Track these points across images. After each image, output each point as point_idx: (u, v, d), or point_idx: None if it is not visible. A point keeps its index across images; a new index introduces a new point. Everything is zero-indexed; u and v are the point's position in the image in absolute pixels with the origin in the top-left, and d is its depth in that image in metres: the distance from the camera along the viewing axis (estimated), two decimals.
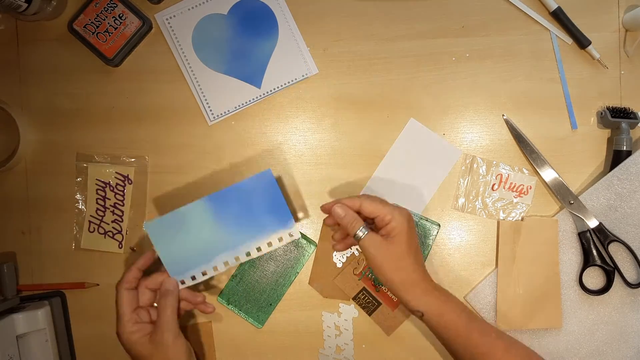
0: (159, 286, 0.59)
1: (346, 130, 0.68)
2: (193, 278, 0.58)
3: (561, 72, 0.68)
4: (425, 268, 0.59)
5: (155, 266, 0.60)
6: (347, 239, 0.62)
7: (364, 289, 0.66)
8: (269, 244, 0.59)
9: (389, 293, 0.66)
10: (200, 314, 0.68)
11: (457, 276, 0.68)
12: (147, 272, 0.61)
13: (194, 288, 0.62)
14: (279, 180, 0.60)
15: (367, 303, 0.66)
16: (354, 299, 0.66)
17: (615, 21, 0.68)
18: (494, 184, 0.67)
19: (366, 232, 0.57)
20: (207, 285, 0.68)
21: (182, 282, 0.58)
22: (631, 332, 0.66)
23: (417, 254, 0.58)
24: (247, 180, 0.57)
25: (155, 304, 0.60)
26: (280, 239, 0.59)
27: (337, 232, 0.63)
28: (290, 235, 0.59)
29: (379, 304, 0.66)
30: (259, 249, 0.58)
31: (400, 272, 0.56)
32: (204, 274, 0.58)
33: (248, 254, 0.58)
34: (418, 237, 0.65)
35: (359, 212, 0.58)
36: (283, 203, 0.57)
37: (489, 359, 0.55)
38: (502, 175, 0.67)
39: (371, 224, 0.60)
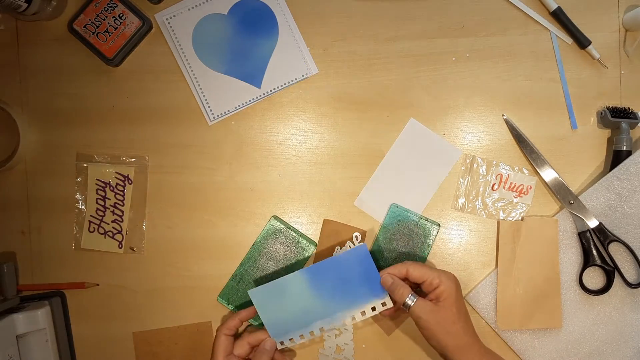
0: (258, 343, 0.62)
1: (346, 130, 0.68)
2: (291, 340, 0.62)
3: (561, 72, 0.68)
4: (475, 330, 0.59)
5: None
6: (395, 310, 0.62)
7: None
8: (363, 313, 0.61)
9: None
10: (200, 313, 0.68)
11: (457, 276, 0.67)
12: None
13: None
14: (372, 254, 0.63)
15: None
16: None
17: (615, 21, 0.68)
18: (494, 184, 0.67)
19: (415, 300, 0.57)
20: (208, 285, 0.68)
21: (281, 343, 0.62)
22: (631, 332, 0.66)
23: (467, 317, 0.58)
24: (344, 254, 0.61)
25: (250, 358, 0.63)
26: (373, 309, 0.61)
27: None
28: (384, 304, 0.61)
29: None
30: (353, 318, 0.61)
31: (454, 336, 0.56)
32: (301, 337, 0.62)
33: (343, 323, 0.61)
34: (418, 237, 0.65)
35: (405, 279, 0.59)
36: (377, 276, 0.60)
37: None
38: (502, 175, 0.67)
39: (416, 288, 0.60)
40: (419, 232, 0.67)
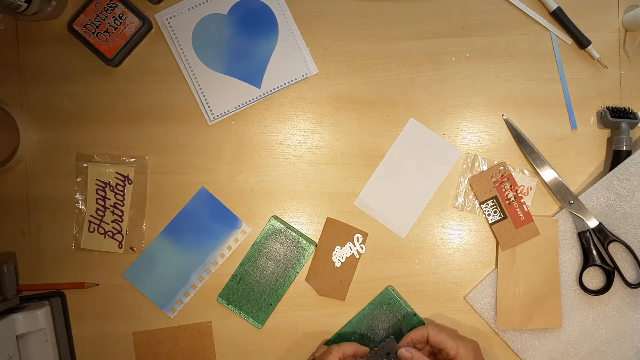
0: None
1: (346, 130, 0.68)
2: (179, 302, 0.65)
3: (561, 72, 0.68)
4: None
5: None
6: None
7: (495, 197, 0.66)
8: (229, 248, 0.66)
9: (517, 210, 0.65)
10: (200, 313, 0.68)
11: (457, 276, 0.68)
12: None
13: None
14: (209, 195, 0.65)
15: (494, 212, 0.66)
16: (481, 203, 0.66)
17: (615, 21, 0.68)
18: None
19: None
20: (208, 285, 0.68)
21: (173, 311, 0.64)
22: (631, 332, 0.66)
23: None
24: (188, 203, 0.65)
25: None
26: (236, 240, 0.66)
27: None
28: (243, 232, 0.65)
29: (505, 217, 0.66)
30: (222, 255, 0.65)
31: None
32: (186, 295, 0.66)
33: (215, 263, 0.65)
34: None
35: (426, 343, 0.60)
36: (226, 209, 0.65)
37: None
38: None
39: (437, 352, 0.61)
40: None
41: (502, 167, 0.66)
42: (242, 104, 0.68)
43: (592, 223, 0.65)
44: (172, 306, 0.65)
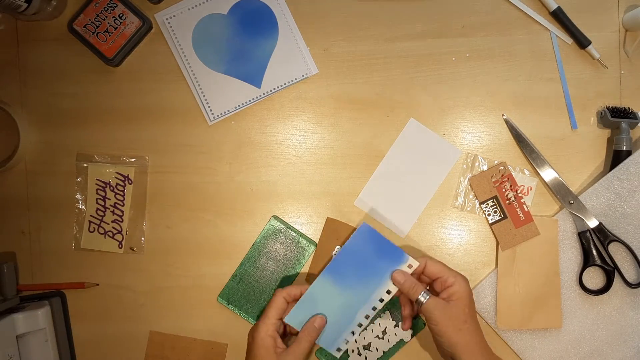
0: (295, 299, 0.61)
1: (346, 130, 0.68)
2: (346, 342, 0.61)
3: (561, 72, 0.68)
4: (483, 335, 0.58)
5: None
6: (409, 309, 0.62)
7: (495, 197, 0.66)
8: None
9: (517, 210, 0.66)
10: (201, 314, 0.68)
11: None
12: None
13: None
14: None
15: (494, 212, 0.66)
16: (481, 203, 0.66)
17: (615, 21, 0.68)
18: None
19: (428, 297, 0.57)
20: (208, 285, 0.68)
21: (338, 350, 0.61)
22: (631, 332, 0.66)
23: (476, 320, 0.59)
24: (349, 240, 0.61)
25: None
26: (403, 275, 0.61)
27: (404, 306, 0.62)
28: (410, 266, 0.60)
29: (505, 217, 0.66)
30: (388, 292, 0.60)
31: (464, 334, 0.56)
32: (352, 334, 0.61)
33: (382, 300, 0.60)
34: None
35: (421, 273, 0.60)
36: (390, 244, 0.60)
37: None
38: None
39: (429, 283, 0.61)
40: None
41: (502, 167, 0.66)
42: (242, 104, 0.68)
43: (592, 223, 0.65)
44: (337, 346, 0.61)
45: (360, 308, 0.60)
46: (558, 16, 0.67)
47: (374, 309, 0.60)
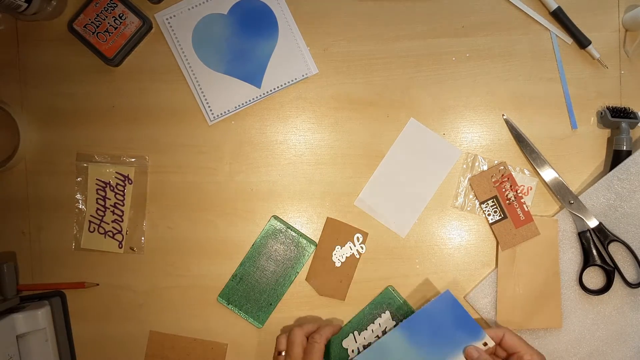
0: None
1: (346, 130, 0.68)
2: None
3: (561, 72, 0.68)
4: None
5: None
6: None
7: (495, 197, 0.66)
8: None
9: (517, 210, 0.66)
10: (201, 314, 0.68)
11: (457, 276, 0.68)
12: None
13: None
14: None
15: (494, 212, 0.66)
16: (482, 203, 0.66)
17: (615, 21, 0.68)
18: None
19: None
20: (208, 285, 0.68)
21: None
22: (631, 332, 0.66)
23: None
24: (430, 303, 0.61)
25: None
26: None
27: None
28: (485, 344, 0.59)
29: (505, 217, 0.66)
30: None
31: None
32: None
33: None
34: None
35: (498, 344, 0.59)
36: (469, 317, 0.60)
37: None
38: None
39: (505, 358, 0.60)
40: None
41: (502, 167, 0.66)
42: (242, 104, 0.68)
43: (592, 223, 0.65)
44: None
45: None
46: (558, 16, 0.67)
47: None
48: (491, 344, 0.59)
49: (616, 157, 0.65)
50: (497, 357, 0.61)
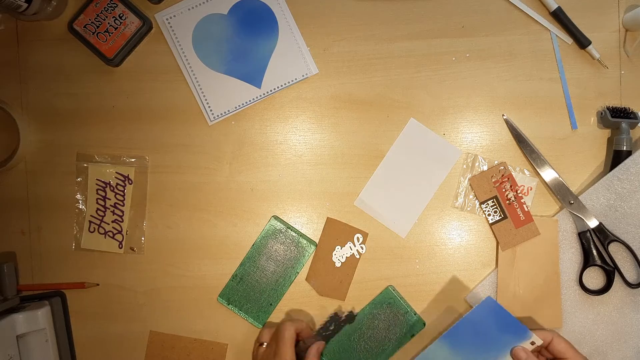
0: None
1: (346, 130, 0.68)
2: None
3: (561, 72, 0.68)
4: None
5: None
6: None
7: (495, 197, 0.66)
8: None
9: (517, 210, 0.65)
10: (201, 314, 0.68)
11: (457, 276, 0.68)
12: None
13: None
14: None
15: (494, 212, 0.66)
16: (482, 203, 0.66)
17: (615, 21, 0.68)
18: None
19: None
20: (208, 285, 0.68)
21: None
22: (631, 332, 0.66)
23: None
24: (472, 311, 0.60)
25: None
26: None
27: None
28: (532, 343, 0.59)
29: (505, 217, 0.66)
30: None
31: None
32: None
33: None
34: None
35: (545, 347, 0.59)
36: (514, 319, 0.59)
37: None
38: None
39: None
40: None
41: (502, 167, 0.66)
42: (242, 104, 0.68)
43: (592, 223, 0.65)
44: None
45: None
46: (558, 16, 0.67)
47: None
48: (539, 342, 0.58)
49: (616, 157, 0.65)
50: (542, 357, 0.60)
